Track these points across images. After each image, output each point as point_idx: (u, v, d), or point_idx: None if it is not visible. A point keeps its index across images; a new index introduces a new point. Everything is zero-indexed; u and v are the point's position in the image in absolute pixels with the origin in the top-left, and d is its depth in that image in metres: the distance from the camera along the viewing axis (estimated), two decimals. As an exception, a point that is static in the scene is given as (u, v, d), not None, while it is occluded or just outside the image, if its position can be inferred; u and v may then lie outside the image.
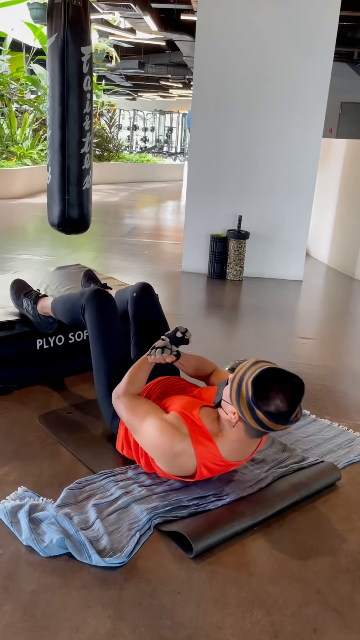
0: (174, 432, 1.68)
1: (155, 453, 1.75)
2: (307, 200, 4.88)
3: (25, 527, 1.58)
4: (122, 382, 1.91)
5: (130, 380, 1.91)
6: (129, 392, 1.88)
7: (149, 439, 1.73)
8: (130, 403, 1.83)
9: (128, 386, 1.89)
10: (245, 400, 1.58)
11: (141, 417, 1.77)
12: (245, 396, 1.59)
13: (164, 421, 1.71)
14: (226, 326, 3.73)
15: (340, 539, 1.68)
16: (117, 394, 1.89)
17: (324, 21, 4.43)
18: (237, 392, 1.62)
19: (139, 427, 1.76)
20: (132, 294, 2.28)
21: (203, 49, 4.62)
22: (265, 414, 1.56)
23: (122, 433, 1.97)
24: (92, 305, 2.12)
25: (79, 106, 2.68)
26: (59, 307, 2.32)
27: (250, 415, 1.59)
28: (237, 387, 1.62)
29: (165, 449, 1.69)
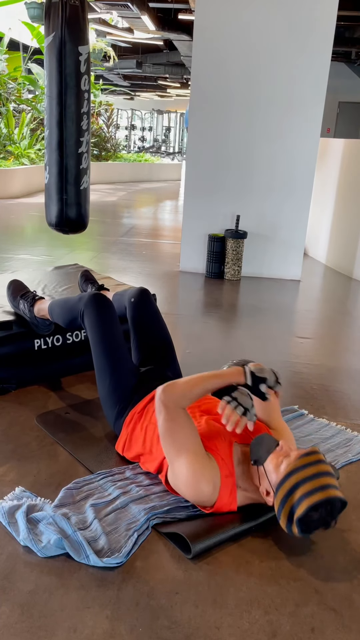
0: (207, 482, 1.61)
1: (179, 485, 1.67)
2: (305, 199, 4.88)
3: (23, 527, 1.57)
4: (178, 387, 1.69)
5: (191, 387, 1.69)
6: (180, 404, 1.67)
7: (179, 475, 1.64)
8: (175, 419, 1.66)
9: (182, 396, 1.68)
10: (289, 513, 1.51)
11: (178, 447, 1.64)
12: (290, 511, 1.51)
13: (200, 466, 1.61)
14: (224, 326, 3.73)
15: (339, 539, 1.68)
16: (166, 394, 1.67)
17: (322, 21, 4.43)
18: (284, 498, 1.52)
19: (173, 456, 1.66)
20: (130, 299, 2.28)
21: (201, 48, 4.62)
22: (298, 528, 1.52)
23: (125, 437, 1.96)
24: (91, 309, 2.12)
25: (77, 106, 2.68)
26: (56, 310, 2.32)
27: (284, 524, 1.54)
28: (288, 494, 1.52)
29: (190, 490, 1.63)
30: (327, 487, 1.49)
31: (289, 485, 1.52)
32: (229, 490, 1.66)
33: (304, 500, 1.48)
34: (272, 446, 1.63)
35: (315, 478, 1.50)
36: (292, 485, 1.51)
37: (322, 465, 1.54)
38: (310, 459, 1.54)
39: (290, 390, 2.73)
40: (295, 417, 2.42)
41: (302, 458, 1.55)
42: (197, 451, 1.64)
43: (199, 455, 1.63)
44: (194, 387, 1.69)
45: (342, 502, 1.50)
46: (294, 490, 1.51)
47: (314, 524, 1.50)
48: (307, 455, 1.56)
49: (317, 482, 1.50)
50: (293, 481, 1.52)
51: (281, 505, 1.53)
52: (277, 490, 1.55)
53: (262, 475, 1.63)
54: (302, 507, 1.48)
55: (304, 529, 1.51)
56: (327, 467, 1.55)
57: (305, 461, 1.54)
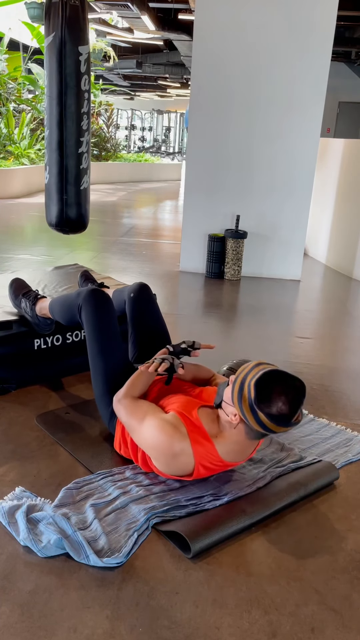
0: (172, 431, 1.68)
1: (154, 452, 1.74)
2: (305, 199, 4.88)
3: (23, 527, 1.57)
4: (124, 387, 1.92)
5: (132, 385, 1.91)
6: (129, 395, 1.89)
7: (148, 438, 1.73)
8: (130, 405, 1.85)
9: (128, 390, 1.90)
10: (248, 402, 1.59)
11: (140, 418, 1.78)
12: (247, 398, 1.59)
13: (162, 421, 1.71)
14: (224, 326, 3.73)
15: (339, 539, 1.68)
16: (117, 397, 1.90)
17: (322, 21, 4.43)
18: (239, 394, 1.62)
19: (138, 427, 1.77)
20: (129, 295, 2.28)
21: (201, 48, 4.62)
22: (267, 416, 1.56)
23: (120, 432, 1.96)
24: (89, 305, 2.11)
25: (77, 106, 2.68)
26: (56, 307, 2.31)
27: (252, 417, 1.59)
28: (239, 388, 1.62)
29: (164, 449, 1.69)
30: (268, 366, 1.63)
31: (239, 383, 1.64)
32: (203, 442, 1.69)
33: (252, 382, 1.58)
34: (224, 385, 1.75)
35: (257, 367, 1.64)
36: (240, 381, 1.64)
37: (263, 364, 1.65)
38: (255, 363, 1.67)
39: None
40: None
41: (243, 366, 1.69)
42: (156, 411, 1.79)
43: (158, 414, 1.76)
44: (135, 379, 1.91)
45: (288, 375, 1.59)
46: (243, 383, 1.62)
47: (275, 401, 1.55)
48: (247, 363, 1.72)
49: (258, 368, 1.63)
50: (240, 378, 1.64)
51: (239, 402, 1.62)
52: (232, 396, 1.64)
53: (225, 406, 1.70)
54: (252, 388, 1.57)
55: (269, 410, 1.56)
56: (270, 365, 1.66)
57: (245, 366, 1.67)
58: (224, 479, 1.87)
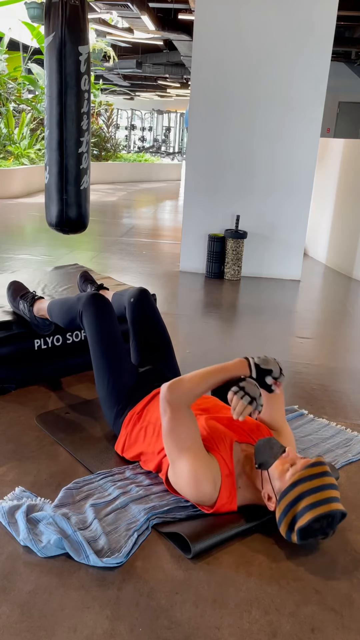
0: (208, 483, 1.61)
1: (180, 484, 1.67)
2: (305, 199, 4.88)
3: (23, 527, 1.57)
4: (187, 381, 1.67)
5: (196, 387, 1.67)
6: (184, 402, 1.65)
7: (181, 473, 1.65)
8: (179, 418, 1.64)
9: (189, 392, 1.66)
10: (290, 522, 1.53)
11: (181, 446, 1.64)
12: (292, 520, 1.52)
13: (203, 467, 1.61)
14: (224, 326, 3.73)
15: (339, 539, 1.68)
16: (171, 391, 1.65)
17: (322, 21, 4.43)
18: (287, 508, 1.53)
19: (175, 455, 1.66)
20: (129, 300, 2.28)
21: (201, 48, 4.62)
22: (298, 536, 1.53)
23: (125, 436, 1.96)
24: (90, 310, 2.11)
25: (77, 106, 2.68)
26: (55, 310, 2.32)
27: (284, 530, 1.55)
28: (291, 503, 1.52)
29: (191, 490, 1.63)
30: (331, 500, 1.50)
31: (294, 495, 1.52)
32: (229, 490, 1.66)
33: (307, 512, 1.49)
34: (279, 452, 1.63)
35: (320, 490, 1.51)
36: (296, 495, 1.52)
37: (327, 477, 1.55)
38: (316, 470, 1.55)
39: (290, 390, 2.73)
40: (295, 417, 2.42)
41: (309, 468, 1.55)
42: (199, 451, 1.63)
43: (200, 455, 1.63)
44: (200, 383, 1.67)
45: (342, 514, 1.52)
46: (299, 501, 1.51)
47: (313, 534, 1.52)
48: (314, 465, 1.56)
49: (321, 494, 1.50)
50: (298, 491, 1.52)
51: (283, 514, 1.54)
52: (281, 498, 1.55)
53: (265, 479, 1.63)
54: (305, 519, 1.49)
55: (303, 537, 1.52)
56: (332, 479, 1.56)
57: (311, 472, 1.54)
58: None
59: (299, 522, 1.50)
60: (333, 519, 1.50)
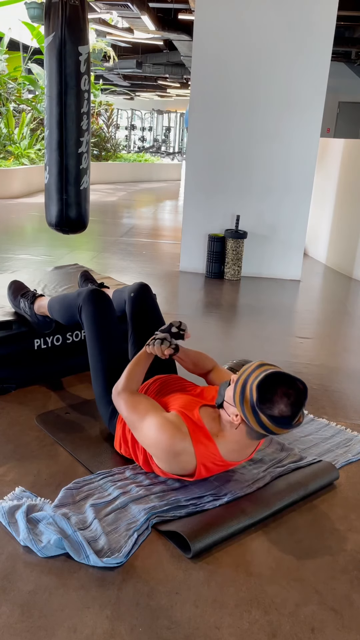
0: (174, 430, 1.68)
1: (155, 451, 1.74)
2: (305, 199, 4.88)
3: (23, 527, 1.57)
4: (121, 378, 1.90)
5: (129, 375, 1.89)
6: (128, 389, 1.86)
7: (149, 436, 1.73)
8: (131, 400, 1.82)
9: (127, 382, 1.87)
10: (249, 403, 1.59)
11: (142, 415, 1.76)
12: (249, 399, 1.59)
13: (164, 419, 1.71)
14: (224, 326, 3.73)
15: (339, 539, 1.68)
16: (116, 390, 1.88)
17: (322, 21, 4.43)
18: (241, 395, 1.62)
19: (140, 424, 1.76)
20: (129, 294, 2.28)
21: (201, 48, 4.62)
22: (268, 418, 1.56)
23: (120, 432, 1.96)
24: (89, 305, 2.12)
25: (77, 106, 2.68)
26: (55, 307, 2.32)
27: (253, 419, 1.59)
28: (241, 389, 1.62)
29: (166, 447, 1.69)
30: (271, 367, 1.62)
31: (241, 384, 1.63)
32: (204, 442, 1.69)
33: (254, 383, 1.57)
34: (226, 385, 1.75)
35: (259, 367, 1.63)
36: (242, 382, 1.63)
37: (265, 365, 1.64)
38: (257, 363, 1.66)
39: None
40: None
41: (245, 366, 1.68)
42: (158, 409, 1.78)
43: (159, 411, 1.76)
44: (132, 368, 1.90)
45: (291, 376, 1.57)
46: (245, 384, 1.61)
47: (277, 404, 1.55)
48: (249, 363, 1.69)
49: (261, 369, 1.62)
50: (242, 379, 1.64)
51: (241, 403, 1.61)
52: (234, 397, 1.64)
53: (226, 407, 1.70)
54: (254, 390, 1.56)
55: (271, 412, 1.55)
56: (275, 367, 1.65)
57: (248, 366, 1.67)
58: (224, 479, 1.87)
59: (253, 397, 1.57)
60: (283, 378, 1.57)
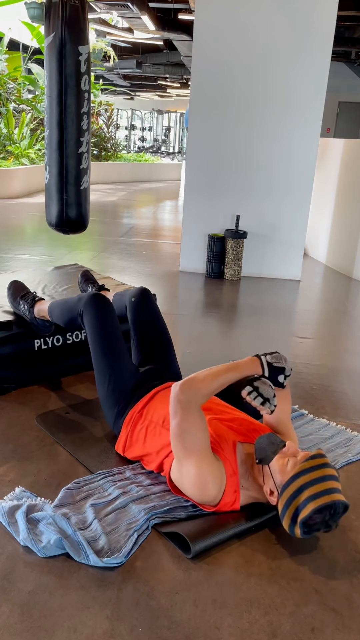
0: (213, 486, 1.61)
1: (185, 486, 1.67)
2: (305, 199, 4.88)
3: (23, 527, 1.57)
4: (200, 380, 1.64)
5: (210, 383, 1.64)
6: (197, 403, 1.62)
7: (187, 475, 1.64)
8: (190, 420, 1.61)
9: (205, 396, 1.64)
10: (293, 515, 1.52)
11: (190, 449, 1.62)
12: (295, 513, 1.52)
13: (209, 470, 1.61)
14: (224, 326, 3.73)
15: (339, 539, 1.68)
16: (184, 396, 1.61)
17: (322, 21, 4.43)
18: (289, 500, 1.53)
19: (182, 456, 1.64)
20: (130, 299, 2.28)
21: (201, 48, 4.62)
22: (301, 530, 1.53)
23: (125, 436, 1.96)
24: (91, 310, 2.12)
25: (77, 106, 2.68)
26: (56, 311, 2.32)
27: (287, 524, 1.55)
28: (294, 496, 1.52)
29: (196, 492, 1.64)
30: (333, 491, 1.50)
31: (295, 487, 1.52)
32: (233, 490, 1.66)
33: (309, 503, 1.48)
34: (279, 446, 1.63)
35: (321, 481, 1.51)
36: (298, 486, 1.52)
37: (328, 468, 1.55)
38: (317, 462, 1.55)
39: (290, 390, 2.73)
40: (296, 417, 2.42)
41: (309, 460, 1.55)
42: (207, 454, 1.62)
43: (209, 458, 1.62)
44: (212, 382, 1.63)
45: (345, 506, 1.51)
46: (300, 492, 1.51)
47: (316, 526, 1.51)
48: (314, 457, 1.56)
49: (323, 485, 1.50)
50: (299, 483, 1.52)
51: (286, 506, 1.54)
52: (283, 491, 1.55)
53: (266, 474, 1.63)
54: (307, 510, 1.48)
55: (307, 530, 1.52)
56: (333, 470, 1.56)
57: (312, 464, 1.54)
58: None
59: (301, 514, 1.50)
60: (335, 510, 1.49)
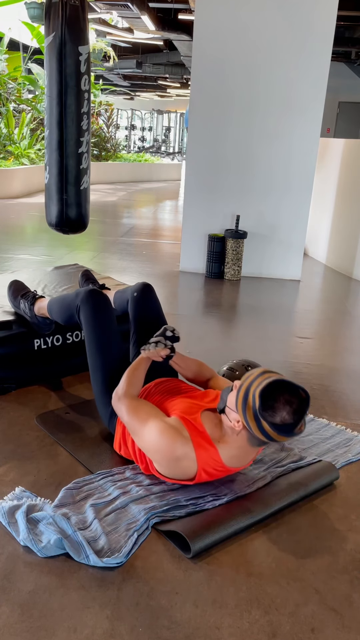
0: (175, 435, 1.67)
1: (156, 456, 1.73)
2: (305, 199, 4.88)
3: (23, 527, 1.57)
4: (121, 382, 1.89)
5: (129, 380, 1.89)
6: (129, 394, 1.85)
7: (150, 442, 1.72)
8: (131, 405, 1.81)
9: (127, 387, 1.87)
10: (252, 410, 1.58)
11: (142, 420, 1.75)
12: (251, 406, 1.58)
13: (165, 424, 1.70)
14: (224, 326, 3.73)
15: (339, 539, 1.68)
16: (117, 395, 1.86)
17: (322, 21, 4.43)
18: (243, 401, 1.61)
19: (140, 430, 1.75)
20: (132, 294, 2.27)
21: (201, 48, 4.62)
22: (270, 425, 1.56)
23: (120, 433, 1.96)
24: (87, 305, 2.11)
25: (77, 106, 2.68)
26: (54, 307, 2.32)
27: (255, 425, 1.59)
28: (244, 396, 1.62)
29: (167, 453, 1.68)
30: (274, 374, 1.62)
31: (244, 390, 1.63)
32: (206, 447, 1.69)
33: (257, 390, 1.57)
34: (228, 390, 1.74)
35: (262, 375, 1.63)
36: (245, 388, 1.63)
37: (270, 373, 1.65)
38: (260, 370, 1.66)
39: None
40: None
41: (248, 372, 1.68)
42: (159, 414, 1.77)
43: (160, 417, 1.75)
44: (131, 373, 1.91)
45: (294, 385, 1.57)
46: (248, 391, 1.61)
47: (279, 411, 1.55)
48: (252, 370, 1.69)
49: (264, 376, 1.62)
50: (245, 386, 1.64)
51: (243, 409, 1.61)
52: (236, 403, 1.64)
53: (228, 412, 1.70)
54: (257, 397, 1.57)
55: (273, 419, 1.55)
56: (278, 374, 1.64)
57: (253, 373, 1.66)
58: (225, 479, 1.87)
59: (256, 403, 1.57)
60: (286, 386, 1.56)
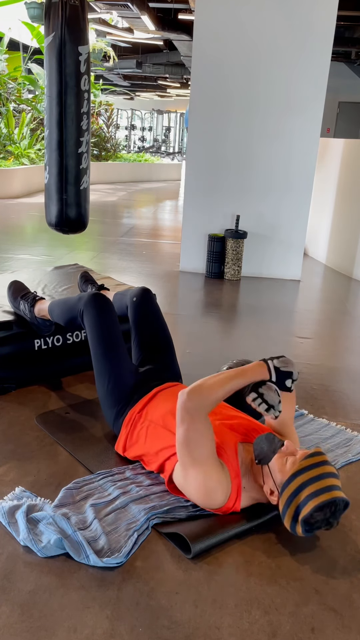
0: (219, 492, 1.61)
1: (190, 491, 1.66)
2: (305, 199, 4.88)
3: (23, 527, 1.57)
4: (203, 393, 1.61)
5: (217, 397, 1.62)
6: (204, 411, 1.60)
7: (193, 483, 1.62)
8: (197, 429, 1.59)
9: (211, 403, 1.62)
10: (294, 512, 1.52)
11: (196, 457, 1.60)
12: (296, 510, 1.52)
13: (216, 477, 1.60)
14: (224, 326, 3.73)
15: (339, 539, 1.68)
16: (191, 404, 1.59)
17: (322, 21, 4.43)
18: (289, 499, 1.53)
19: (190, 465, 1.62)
20: (132, 299, 2.29)
21: (201, 48, 4.62)
22: (302, 527, 1.52)
23: (124, 436, 1.96)
24: (91, 309, 2.12)
25: (77, 106, 2.68)
26: (56, 310, 2.32)
27: (289, 522, 1.54)
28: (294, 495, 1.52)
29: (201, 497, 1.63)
30: (332, 488, 1.50)
31: (295, 485, 1.52)
32: (235, 493, 1.66)
33: (310, 501, 1.49)
34: (278, 445, 1.63)
35: (321, 479, 1.51)
36: (298, 485, 1.52)
37: (327, 466, 1.55)
38: (315, 460, 1.55)
39: (295, 392, 2.73)
40: (296, 417, 2.42)
41: (308, 459, 1.56)
42: (213, 462, 1.61)
43: (215, 466, 1.61)
44: (220, 389, 1.62)
45: (345, 503, 1.51)
46: (300, 491, 1.51)
47: (317, 524, 1.51)
48: (313, 455, 1.56)
49: (322, 482, 1.51)
50: (299, 481, 1.52)
51: (287, 505, 1.54)
52: (283, 490, 1.55)
53: (266, 474, 1.63)
54: (307, 508, 1.49)
55: (308, 529, 1.52)
56: (332, 468, 1.56)
57: (311, 462, 1.55)
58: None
59: (302, 512, 1.50)
60: (336, 507, 1.49)
